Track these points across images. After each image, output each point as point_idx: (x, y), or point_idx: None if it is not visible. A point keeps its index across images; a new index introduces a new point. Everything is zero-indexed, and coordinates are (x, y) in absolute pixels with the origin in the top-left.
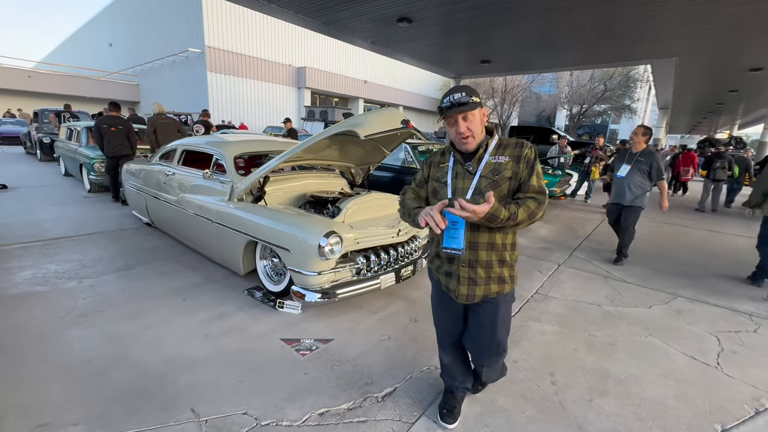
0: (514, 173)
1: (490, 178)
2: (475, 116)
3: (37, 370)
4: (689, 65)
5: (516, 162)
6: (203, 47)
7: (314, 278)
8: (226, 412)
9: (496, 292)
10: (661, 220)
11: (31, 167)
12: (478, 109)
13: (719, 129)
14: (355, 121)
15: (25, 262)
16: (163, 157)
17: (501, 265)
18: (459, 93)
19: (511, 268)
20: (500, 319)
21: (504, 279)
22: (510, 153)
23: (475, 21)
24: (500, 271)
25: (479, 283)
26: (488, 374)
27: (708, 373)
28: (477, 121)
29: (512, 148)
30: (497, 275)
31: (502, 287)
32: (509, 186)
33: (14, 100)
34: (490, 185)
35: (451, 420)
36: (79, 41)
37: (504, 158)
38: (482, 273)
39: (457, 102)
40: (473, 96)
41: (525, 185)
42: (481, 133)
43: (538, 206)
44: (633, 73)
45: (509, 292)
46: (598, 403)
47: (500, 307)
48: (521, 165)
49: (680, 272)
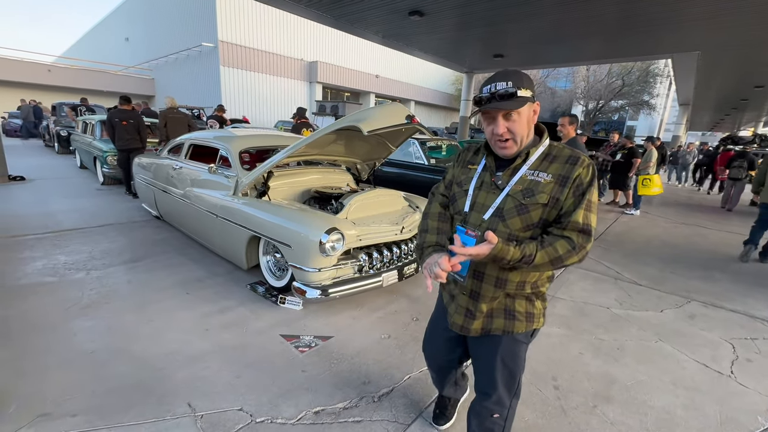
0: (553, 199)
1: (519, 200)
2: (521, 115)
3: (41, 361)
4: (712, 59)
5: (560, 185)
6: (216, 42)
7: (315, 275)
8: (222, 408)
9: (501, 329)
10: (678, 221)
11: (49, 159)
12: (528, 105)
13: (743, 126)
14: (358, 116)
15: (37, 253)
16: (172, 151)
17: (509, 299)
18: (504, 82)
19: (528, 302)
20: (501, 358)
21: (514, 315)
22: (556, 170)
23: (489, 13)
24: (508, 303)
25: (477, 317)
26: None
27: (720, 382)
28: (523, 121)
29: (562, 163)
30: (503, 308)
31: (511, 324)
32: (542, 214)
33: (35, 93)
34: (515, 210)
35: (443, 421)
36: (97, 36)
37: (546, 176)
38: (484, 308)
39: (500, 94)
40: (522, 87)
41: (566, 217)
42: (526, 137)
43: (571, 251)
44: (652, 68)
45: (522, 332)
46: (602, 410)
47: (502, 347)
48: (566, 190)
49: (695, 275)
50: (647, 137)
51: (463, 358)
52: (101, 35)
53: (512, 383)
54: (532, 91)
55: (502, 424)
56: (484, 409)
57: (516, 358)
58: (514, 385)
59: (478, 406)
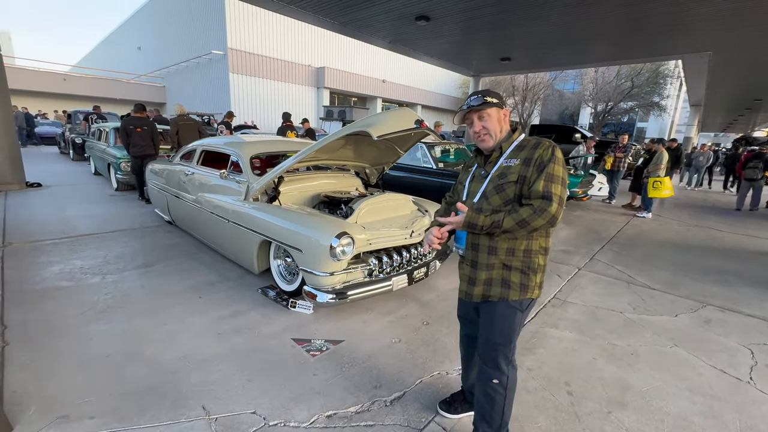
0: (521, 177)
1: (496, 182)
2: (491, 115)
3: (58, 364)
4: (724, 60)
5: (525, 165)
6: (226, 49)
7: (326, 279)
8: (236, 411)
9: (497, 296)
10: (691, 224)
11: (64, 166)
12: (495, 109)
13: (757, 126)
14: (368, 121)
15: (53, 258)
16: (184, 157)
17: (505, 269)
18: (475, 95)
19: (520, 275)
20: (496, 326)
21: (509, 284)
22: (523, 155)
23: (495, 17)
24: (504, 274)
25: (477, 283)
26: (481, 402)
27: (739, 389)
28: (494, 120)
29: (528, 149)
30: (500, 278)
31: (506, 292)
32: (515, 190)
33: (52, 101)
34: (495, 189)
35: (446, 409)
36: (110, 45)
37: (515, 161)
38: (483, 275)
39: (472, 103)
40: (489, 97)
41: (529, 188)
42: (500, 133)
43: (533, 214)
44: (662, 69)
45: (516, 299)
46: (617, 417)
47: (497, 311)
48: (530, 168)
49: (711, 279)
50: (656, 139)
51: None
52: (114, 45)
53: (507, 347)
54: (499, 100)
55: (503, 393)
56: (484, 374)
57: (510, 322)
58: (508, 349)
59: (480, 373)
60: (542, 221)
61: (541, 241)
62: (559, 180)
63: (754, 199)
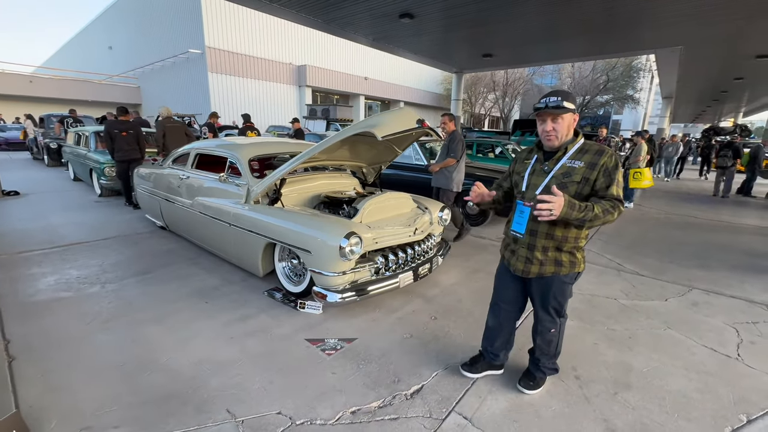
0: (584, 179)
1: (560, 179)
2: (563, 119)
3: (71, 376)
4: (694, 54)
5: (589, 168)
6: (203, 48)
7: (335, 278)
8: (261, 412)
9: (551, 272)
10: (670, 212)
11: (40, 173)
12: (569, 114)
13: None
14: (371, 121)
15: (46, 269)
16: (176, 161)
17: (558, 251)
18: (555, 97)
19: (569, 255)
20: (553, 293)
21: (561, 263)
22: (587, 159)
23: (478, 15)
24: (557, 255)
25: (534, 263)
26: (541, 345)
27: (729, 365)
28: (564, 124)
29: (591, 154)
30: (554, 258)
31: (559, 269)
32: (576, 189)
33: (18, 105)
34: (558, 186)
35: (468, 369)
36: (79, 45)
37: (579, 163)
38: (539, 255)
39: (552, 104)
40: (567, 102)
41: (604, 192)
42: (566, 136)
43: (612, 209)
44: (635, 63)
45: (567, 274)
46: (623, 397)
47: (554, 284)
48: (594, 172)
49: (693, 264)
50: (637, 132)
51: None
52: (83, 44)
53: (561, 308)
54: (574, 105)
55: (557, 335)
56: (543, 327)
57: (563, 293)
58: (562, 309)
59: (540, 326)
60: (616, 215)
61: (579, 232)
62: (621, 185)
63: (725, 186)
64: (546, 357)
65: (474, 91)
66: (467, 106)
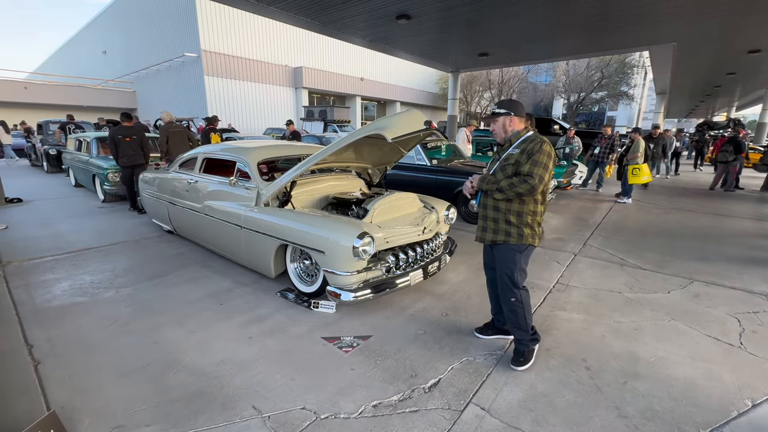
0: (517, 161)
1: (503, 163)
2: (497, 122)
3: (97, 378)
4: (687, 50)
5: (521, 154)
6: (199, 51)
7: (349, 278)
8: (286, 408)
9: (502, 240)
10: (668, 206)
11: (40, 179)
12: (502, 117)
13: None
14: (380, 124)
15: (59, 274)
16: (183, 166)
17: (506, 223)
18: (496, 106)
19: (516, 228)
20: (503, 259)
21: (509, 233)
22: (522, 147)
23: (474, 14)
24: (505, 227)
25: (488, 231)
26: (508, 315)
27: (733, 353)
28: (498, 125)
29: (527, 143)
30: (503, 229)
31: (508, 238)
32: (512, 170)
33: (12, 111)
34: (500, 168)
35: (481, 332)
36: (72, 50)
37: (516, 151)
38: (491, 225)
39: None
40: (499, 108)
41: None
42: (505, 132)
43: (519, 182)
44: (629, 60)
45: (515, 243)
46: (633, 385)
47: (503, 252)
48: (524, 156)
49: (693, 257)
50: (633, 128)
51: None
52: (76, 49)
53: (512, 275)
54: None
55: (521, 305)
56: (504, 295)
57: (513, 260)
58: (513, 277)
59: (501, 294)
60: (524, 188)
61: (531, 206)
62: (541, 165)
63: (728, 180)
64: (518, 330)
65: (470, 89)
66: (463, 105)
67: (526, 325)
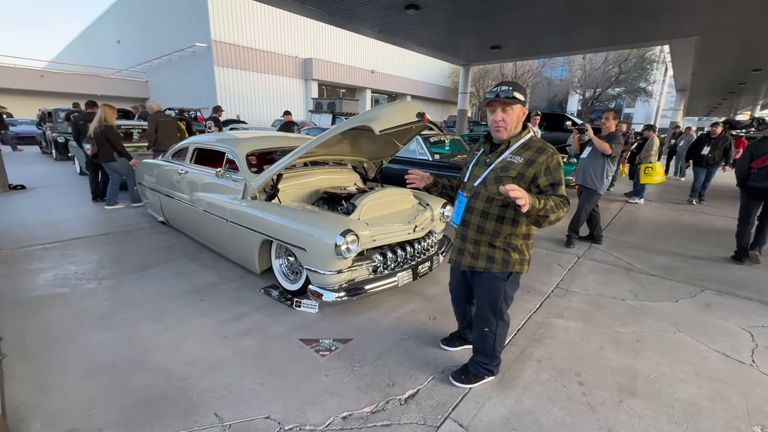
0: (520, 174)
1: (498, 173)
2: (513, 110)
3: (62, 375)
4: (710, 44)
5: (527, 165)
6: (210, 41)
7: (331, 277)
8: (249, 417)
9: (483, 267)
10: (682, 208)
11: (48, 167)
12: (519, 106)
13: (740, 110)
14: (369, 115)
15: (45, 264)
16: (176, 156)
17: (490, 246)
18: (506, 87)
19: (504, 252)
20: (484, 291)
21: (493, 259)
22: (527, 155)
23: (485, 5)
24: (488, 251)
25: (465, 255)
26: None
27: (743, 372)
28: (514, 115)
29: (532, 151)
30: (485, 254)
31: (490, 265)
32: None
33: (29, 99)
34: (494, 180)
35: (447, 344)
36: (88, 40)
37: (519, 159)
38: (471, 248)
39: (503, 94)
40: (518, 93)
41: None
42: (514, 129)
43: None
44: (649, 55)
45: (499, 272)
46: (629, 405)
47: (485, 282)
48: (532, 169)
49: (706, 263)
50: (647, 125)
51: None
52: (92, 39)
53: (495, 308)
54: (524, 98)
55: (493, 336)
56: (478, 323)
57: (497, 291)
58: (496, 309)
59: (475, 320)
60: (564, 212)
61: (523, 228)
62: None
63: None
64: (482, 355)
65: (482, 84)
66: (475, 99)
67: (493, 355)
